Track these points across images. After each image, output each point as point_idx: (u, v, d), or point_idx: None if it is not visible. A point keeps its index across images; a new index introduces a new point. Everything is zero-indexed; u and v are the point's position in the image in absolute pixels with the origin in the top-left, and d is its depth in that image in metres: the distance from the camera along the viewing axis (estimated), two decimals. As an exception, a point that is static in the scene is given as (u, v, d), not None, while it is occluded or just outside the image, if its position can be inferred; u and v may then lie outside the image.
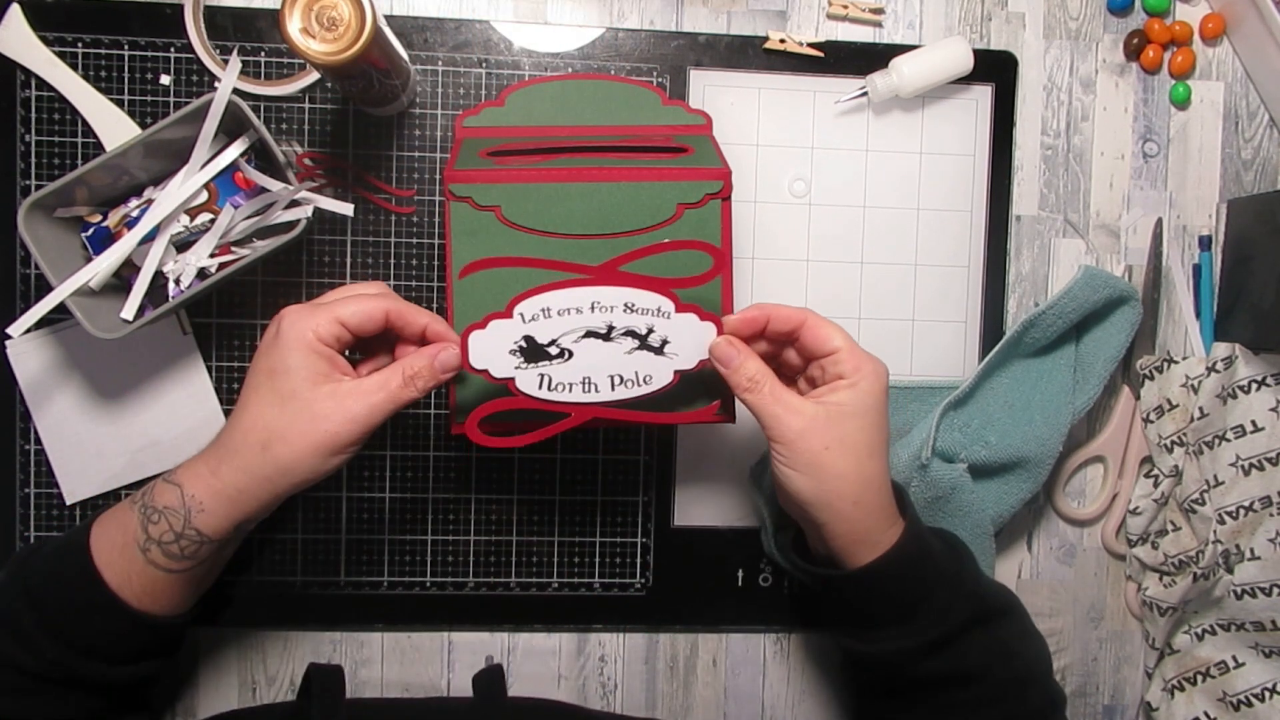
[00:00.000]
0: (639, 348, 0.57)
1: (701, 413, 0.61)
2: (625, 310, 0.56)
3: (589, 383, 0.57)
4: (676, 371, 0.58)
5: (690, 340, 0.57)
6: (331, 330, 0.53)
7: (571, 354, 0.56)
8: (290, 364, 0.52)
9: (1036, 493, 0.71)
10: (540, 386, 0.56)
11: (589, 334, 0.56)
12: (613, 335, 0.57)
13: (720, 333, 0.58)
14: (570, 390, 0.57)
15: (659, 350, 0.57)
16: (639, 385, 0.57)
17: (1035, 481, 0.71)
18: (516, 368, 0.56)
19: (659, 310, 0.57)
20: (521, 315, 0.56)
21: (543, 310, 0.56)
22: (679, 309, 0.57)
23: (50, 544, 0.56)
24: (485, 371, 0.56)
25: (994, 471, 0.70)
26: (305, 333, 0.53)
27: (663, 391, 0.58)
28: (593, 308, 0.56)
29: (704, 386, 0.61)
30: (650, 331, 0.57)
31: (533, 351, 0.56)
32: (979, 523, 0.69)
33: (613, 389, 0.57)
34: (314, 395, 0.52)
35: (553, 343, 0.56)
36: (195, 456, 0.55)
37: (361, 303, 0.54)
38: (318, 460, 0.53)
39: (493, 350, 0.56)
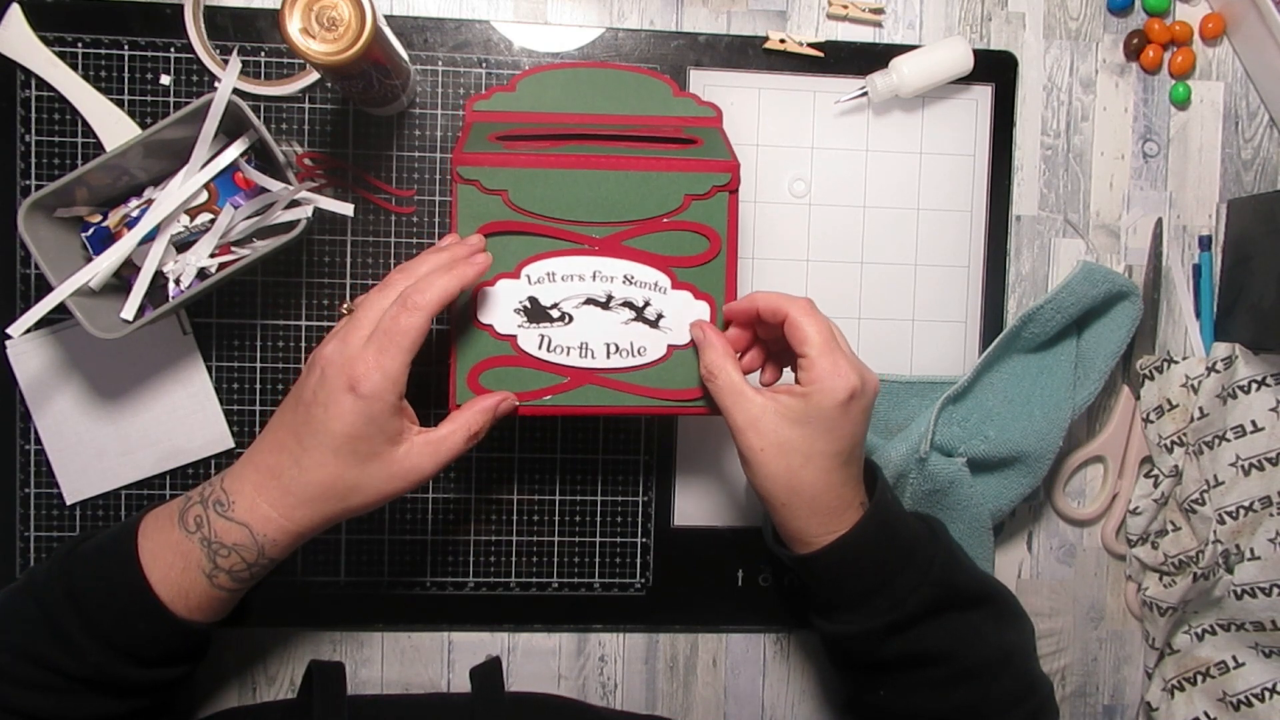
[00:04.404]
0: (635, 319, 0.60)
1: (689, 393, 0.61)
2: (625, 282, 0.60)
3: (586, 348, 0.60)
4: (670, 346, 0.60)
5: (684, 317, 0.60)
6: (405, 376, 0.53)
7: (571, 318, 0.60)
8: (373, 431, 0.53)
9: (1036, 488, 0.71)
10: (540, 347, 0.60)
11: (589, 301, 0.60)
12: (611, 304, 0.60)
13: (713, 313, 0.60)
14: (568, 354, 0.60)
15: (654, 324, 0.60)
16: (633, 355, 0.60)
17: (1035, 477, 0.71)
18: (519, 326, 0.59)
19: (656, 285, 0.60)
20: (528, 277, 0.59)
21: (548, 274, 0.59)
22: (675, 285, 0.60)
23: (91, 551, 0.55)
24: (490, 327, 0.59)
25: (993, 466, 0.70)
26: (389, 397, 0.52)
27: (656, 364, 0.60)
28: (594, 276, 0.60)
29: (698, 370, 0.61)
30: (647, 304, 0.60)
31: (536, 312, 0.59)
32: (978, 517, 0.69)
33: (608, 356, 0.60)
34: (393, 456, 0.54)
35: (555, 306, 0.60)
36: (252, 489, 0.54)
37: (420, 322, 0.53)
38: (385, 502, 0.56)
39: (498, 308, 0.59)
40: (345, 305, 0.58)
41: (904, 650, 0.57)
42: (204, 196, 0.62)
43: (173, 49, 0.68)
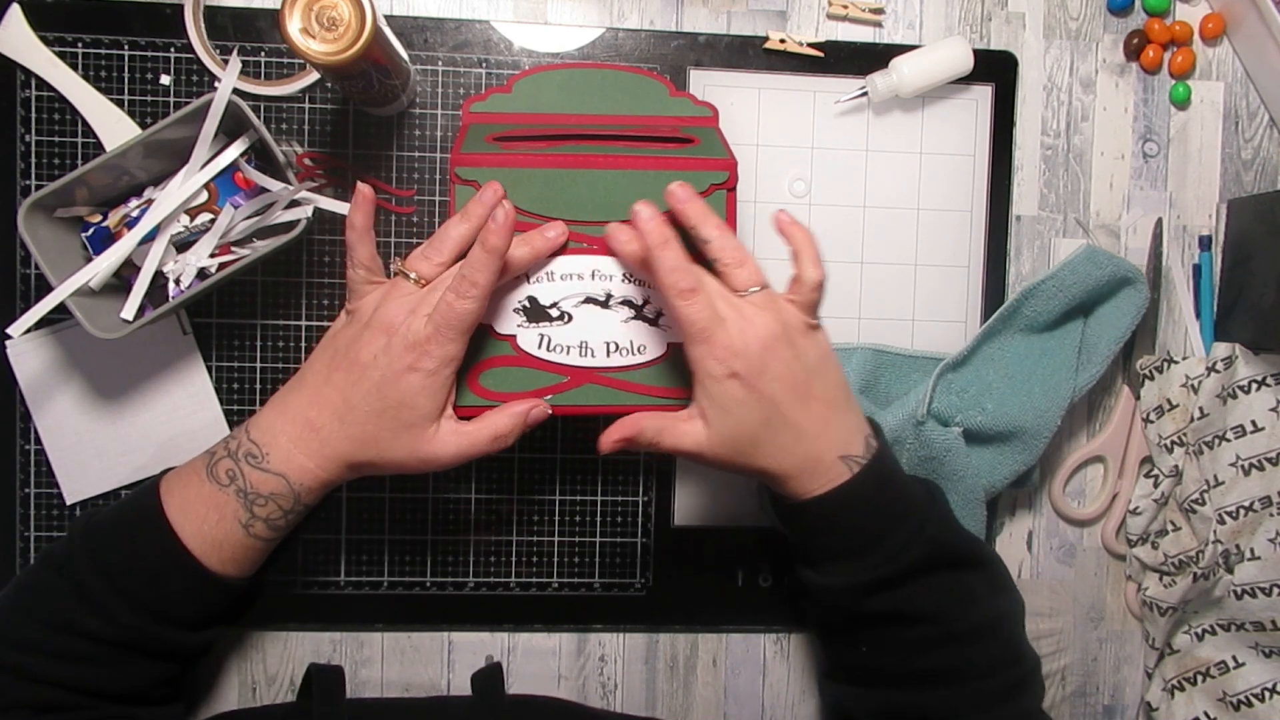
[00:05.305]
0: (634, 317, 0.60)
1: (690, 391, 0.61)
2: (623, 280, 0.60)
3: (585, 347, 0.60)
4: (670, 344, 0.60)
5: None
6: (463, 352, 0.56)
7: (571, 317, 0.60)
8: (423, 401, 0.55)
9: (1031, 468, 0.71)
10: (540, 346, 0.59)
11: (588, 300, 0.60)
12: (610, 303, 0.60)
13: None
14: (568, 353, 0.60)
15: (654, 322, 0.60)
16: (633, 354, 0.60)
17: (1030, 454, 0.70)
18: (519, 325, 0.59)
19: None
20: (526, 276, 0.59)
21: (546, 273, 0.59)
22: None
23: (112, 517, 0.56)
24: (490, 326, 0.59)
25: (989, 439, 0.70)
26: (446, 371, 0.55)
27: (656, 363, 0.60)
28: (593, 275, 0.59)
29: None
30: (646, 302, 0.60)
31: (535, 312, 0.59)
32: (971, 488, 0.69)
33: (608, 355, 0.60)
34: (426, 433, 0.56)
35: (554, 305, 0.59)
36: (288, 441, 0.55)
37: (473, 307, 0.55)
38: (396, 472, 0.58)
39: (498, 307, 0.59)
40: (397, 263, 0.58)
41: (890, 606, 0.57)
42: (204, 196, 0.62)
43: (173, 49, 0.68)
